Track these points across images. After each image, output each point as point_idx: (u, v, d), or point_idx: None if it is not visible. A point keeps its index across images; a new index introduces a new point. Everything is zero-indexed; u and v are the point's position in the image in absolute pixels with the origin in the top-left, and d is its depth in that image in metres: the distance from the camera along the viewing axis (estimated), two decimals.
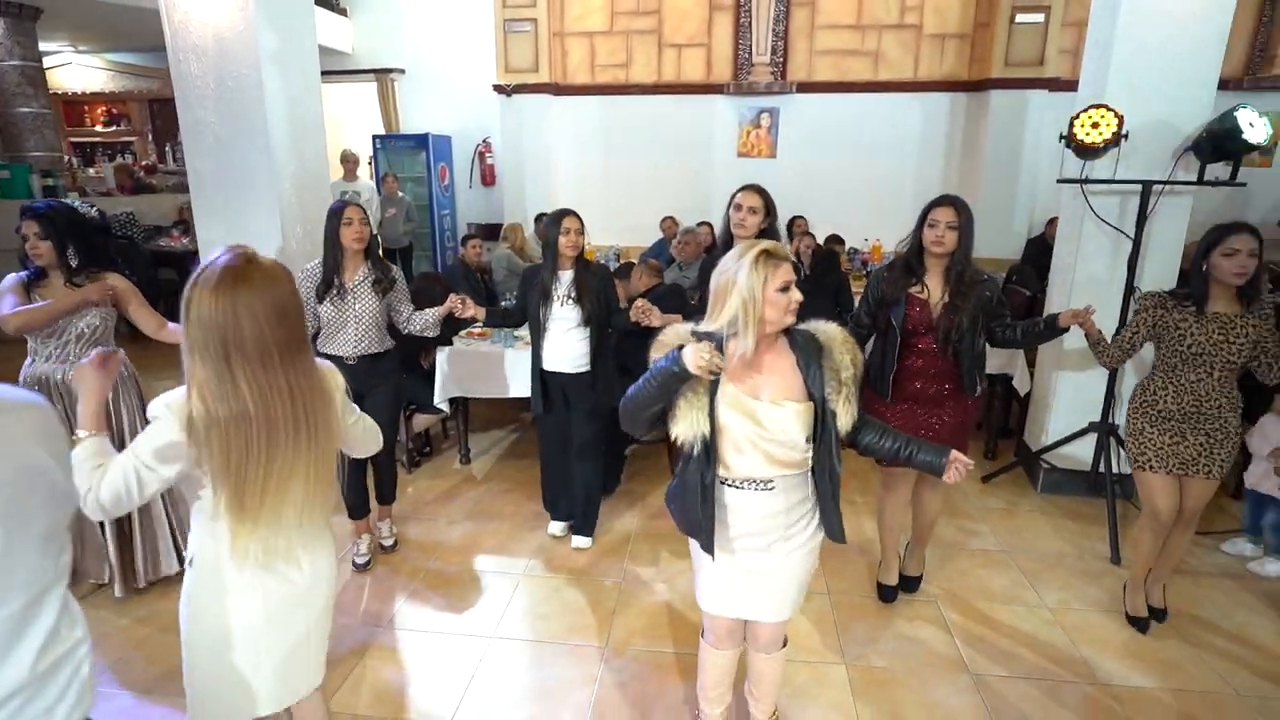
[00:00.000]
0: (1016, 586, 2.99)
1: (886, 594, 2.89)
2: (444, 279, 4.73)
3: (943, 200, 2.48)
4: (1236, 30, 6.23)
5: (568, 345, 3.04)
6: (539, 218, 6.66)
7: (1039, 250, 5.68)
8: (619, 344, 3.34)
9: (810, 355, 1.68)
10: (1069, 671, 2.50)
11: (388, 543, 3.24)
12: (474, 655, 2.58)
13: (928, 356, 2.53)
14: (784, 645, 2.01)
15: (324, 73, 4.18)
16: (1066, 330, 2.58)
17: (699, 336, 1.65)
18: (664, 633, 2.70)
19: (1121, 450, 3.57)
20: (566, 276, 2.99)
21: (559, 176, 7.35)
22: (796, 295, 1.63)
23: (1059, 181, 3.51)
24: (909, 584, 2.96)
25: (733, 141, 7.03)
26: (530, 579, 3.06)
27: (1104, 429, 3.54)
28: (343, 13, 7.81)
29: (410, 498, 3.77)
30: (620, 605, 2.86)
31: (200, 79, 3.59)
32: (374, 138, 7.90)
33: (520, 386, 3.83)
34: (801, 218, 6.25)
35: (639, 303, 2.87)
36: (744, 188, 2.83)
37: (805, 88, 6.75)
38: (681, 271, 4.95)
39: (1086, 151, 3.31)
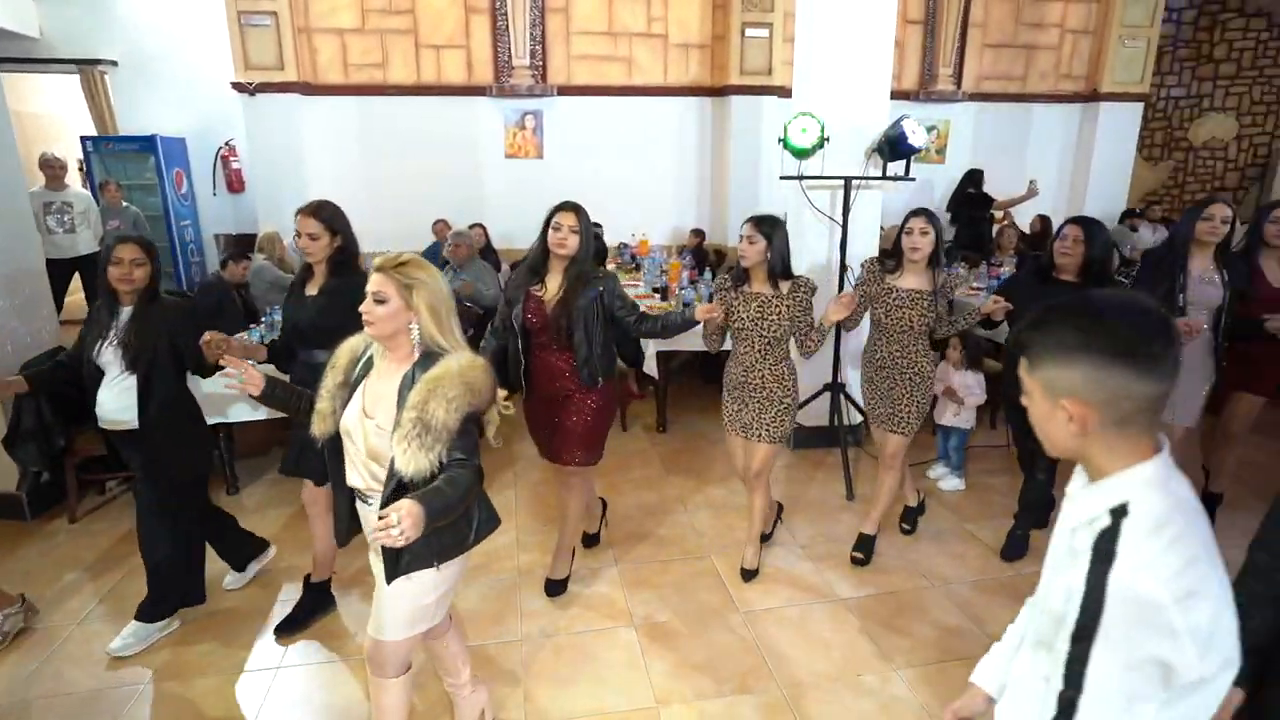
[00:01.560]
0: (776, 532, 3.44)
1: (553, 589, 2.96)
2: (193, 296, 4.30)
3: (565, 206, 2.62)
4: (910, 54, 7.58)
5: (112, 396, 2.52)
6: None
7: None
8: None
9: (410, 384, 1.61)
10: (816, 594, 2.96)
11: None
12: (259, 689, 2.44)
13: (549, 352, 2.69)
14: (396, 674, 1.86)
15: (3, 60, 3.57)
16: (698, 323, 2.75)
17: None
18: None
19: (850, 405, 4.24)
20: (125, 313, 2.51)
21: (316, 181, 6.90)
22: (367, 309, 1.64)
23: (781, 178, 4.06)
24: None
25: (500, 143, 7.10)
26: None
27: (835, 388, 4.17)
28: None
29: None
30: None
31: None
32: (84, 140, 6.83)
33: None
34: None
35: (208, 336, 2.42)
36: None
37: (566, 91, 7.01)
38: (456, 274, 4.93)
39: (802, 153, 3.87)
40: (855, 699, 2.40)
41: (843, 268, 4.03)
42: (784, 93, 7.05)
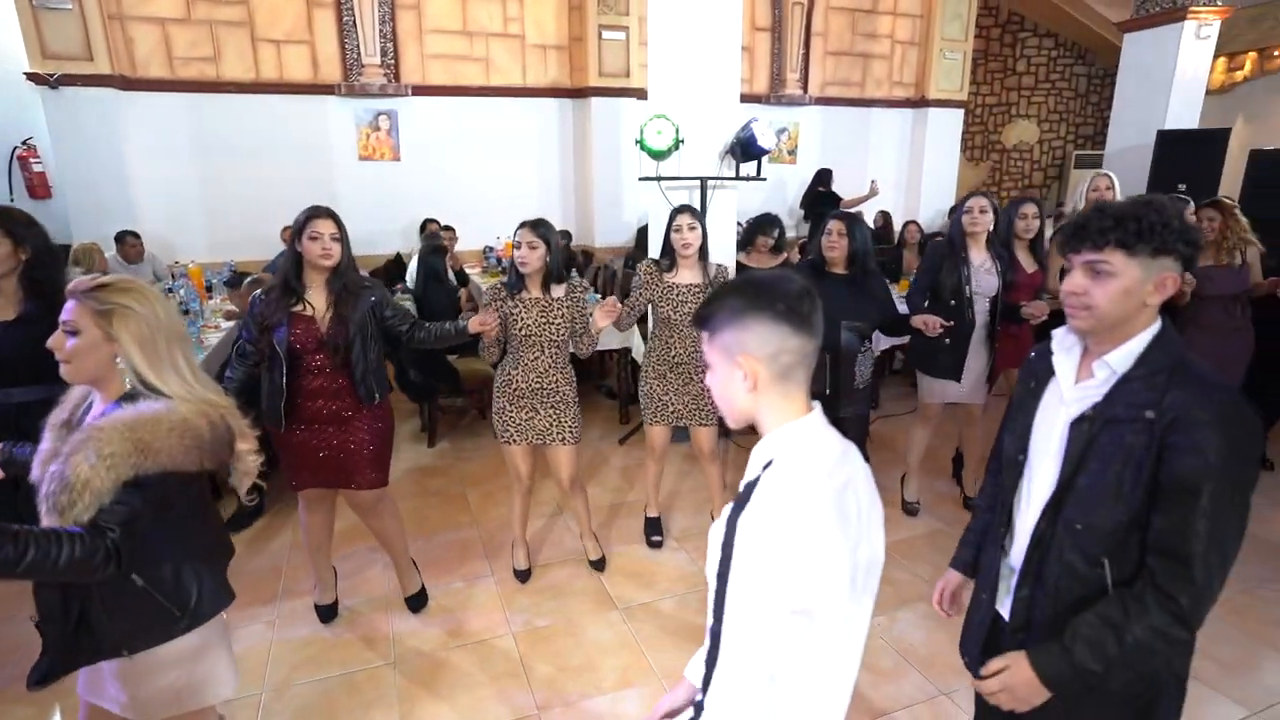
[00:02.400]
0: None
1: (325, 614, 2.79)
2: None
3: (320, 212, 2.38)
4: (760, 59, 7.95)
5: None
6: (121, 236, 5.62)
7: (648, 237, 6.58)
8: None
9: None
10: (690, 584, 3.05)
11: None
12: None
13: (324, 375, 2.43)
14: None
15: None
16: (478, 334, 2.61)
17: None
18: (327, 660, 2.60)
19: None
20: None
21: (143, 186, 6.26)
22: (55, 344, 1.38)
23: (639, 179, 4.14)
24: (414, 602, 2.89)
25: (352, 144, 6.74)
26: None
27: None
28: None
29: None
30: (277, 646, 2.67)
31: None
32: None
33: None
34: (434, 220, 6.32)
35: None
36: None
37: (421, 91, 6.77)
38: None
39: (659, 155, 3.96)
40: None
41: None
42: (642, 95, 7.16)
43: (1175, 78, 6.27)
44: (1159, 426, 1.12)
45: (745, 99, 7.25)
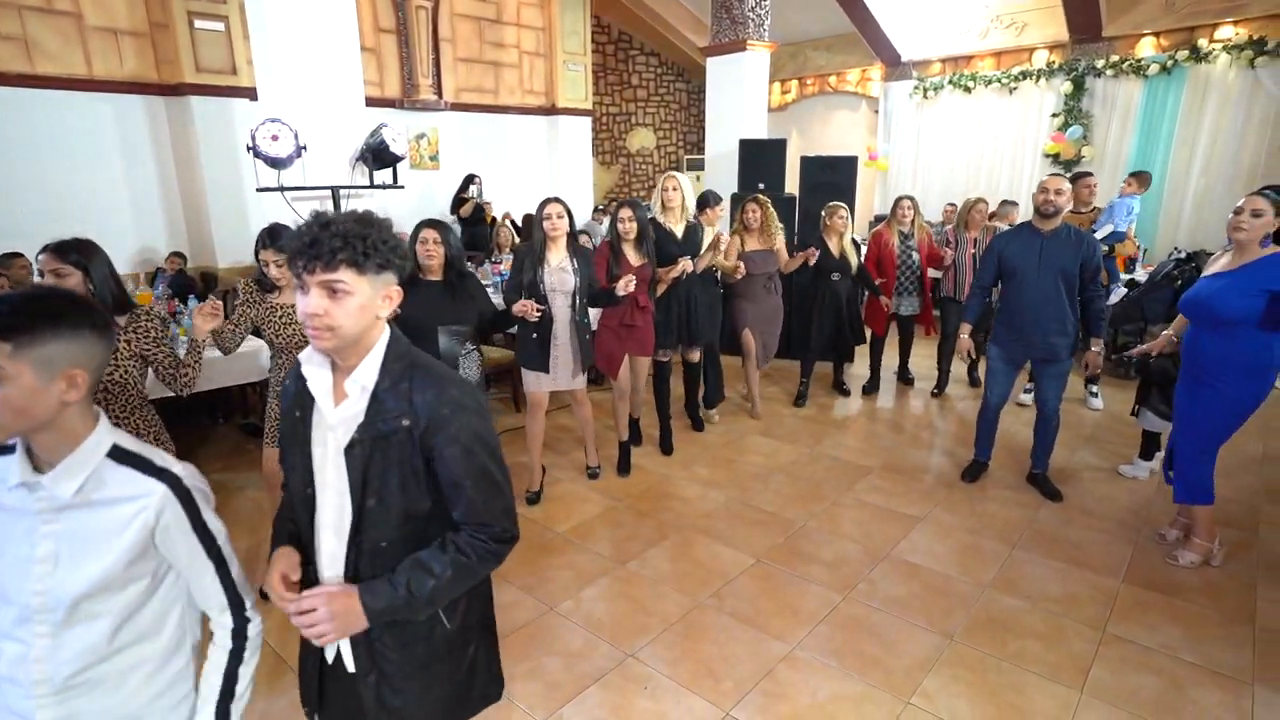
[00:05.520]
0: None
1: None
2: None
3: None
4: (389, 62, 7.67)
5: None
6: None
7: None
8: None
9: None
10: None
11: None
12: None
13: None
14: None
15: None
16: None
17: None
18: None
19: None
20: None
21: None
22: None
23: (258, 190, 3.70)
24: None
25: None
26: None
27: None
28: None
29: None
30: None
31: None
32: None
33: None
34: None
35: None
36: None
37: None
38: None
39: (278, 162, 3.58)
40: None
41: None
42: (254, 95, 6.41)
43: (745, 97, 7.62)
44: (417, 431, 1.24)
45: (376, 103, 6.95)
